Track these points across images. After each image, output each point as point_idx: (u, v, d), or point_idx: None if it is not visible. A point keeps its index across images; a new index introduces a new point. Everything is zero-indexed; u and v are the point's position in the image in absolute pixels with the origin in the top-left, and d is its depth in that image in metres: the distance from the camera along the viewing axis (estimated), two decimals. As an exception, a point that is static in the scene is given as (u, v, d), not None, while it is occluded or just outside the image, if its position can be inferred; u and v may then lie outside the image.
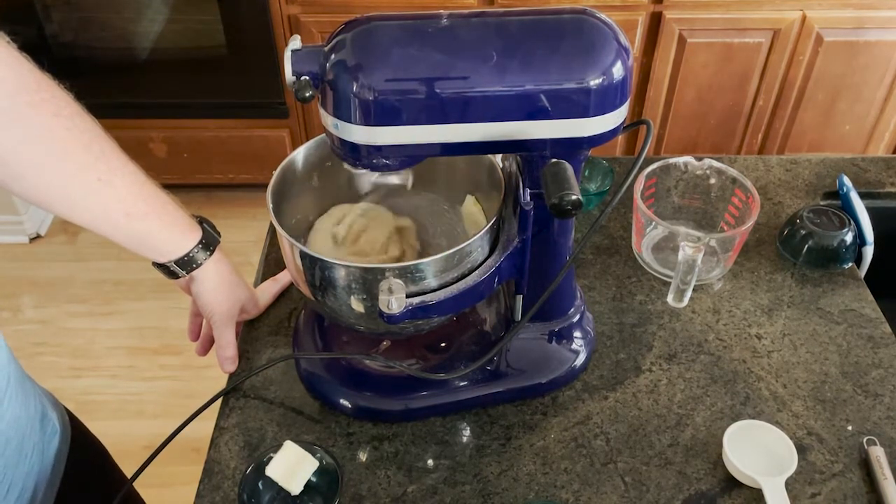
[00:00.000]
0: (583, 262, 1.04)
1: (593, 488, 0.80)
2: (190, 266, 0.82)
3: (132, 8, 2.04)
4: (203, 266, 0.83)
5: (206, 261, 0.83)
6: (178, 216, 0.80)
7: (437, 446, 0.84)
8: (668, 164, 1.04)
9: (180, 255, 0.81)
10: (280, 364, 0.91)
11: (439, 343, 0.90)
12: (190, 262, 0.82)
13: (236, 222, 2.34)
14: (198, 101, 2.18)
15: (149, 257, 0.81)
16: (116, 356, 2.07)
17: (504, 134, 0.68)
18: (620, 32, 0.67)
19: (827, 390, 0.89)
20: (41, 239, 2.39)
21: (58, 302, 2.20)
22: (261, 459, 0.78)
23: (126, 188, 0.75)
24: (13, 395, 0.75)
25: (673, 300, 0.95)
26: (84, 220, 0.75)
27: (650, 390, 0.89)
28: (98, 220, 0.75)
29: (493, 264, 0.77)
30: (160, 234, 0.79)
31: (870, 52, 2.00)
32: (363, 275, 0.73)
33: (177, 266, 0.81)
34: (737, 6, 1.93)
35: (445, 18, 0.66)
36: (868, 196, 1.11)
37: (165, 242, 0.80)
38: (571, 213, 0.64)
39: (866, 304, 0.99)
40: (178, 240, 0.80)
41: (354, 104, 0.65)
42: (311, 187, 0.87)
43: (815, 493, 0.80)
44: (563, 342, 0.89)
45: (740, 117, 2.15)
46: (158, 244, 0.80)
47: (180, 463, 1.11)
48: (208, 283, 0.84)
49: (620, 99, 0.68)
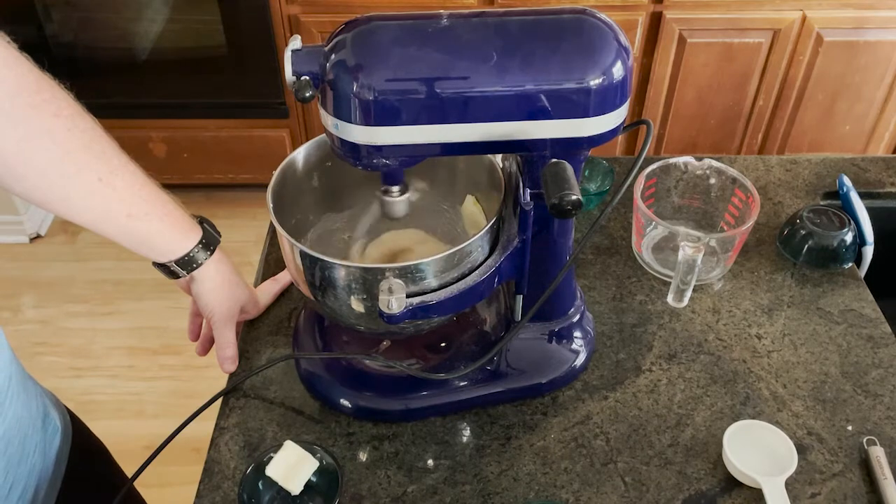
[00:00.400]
0: (583, 262, 1.04)
1: (593, 488, 0.80)
2: (190, 266, 0.82)
3: (132, 8, 2.04)
4: (203, 266, 0.83)
5: (207, 261, 0.83)
6: (178, 216, 0.80)
7: (437, 446, 0.84)
8: (668, 164, 1.04)
9: (181, 255, 0.81)
10: (280, 364, 0.91)
11: (439, 343, 0.90)
12: (190, 261, 0.82)
13: (236, 222, 2.34)
14: (198, 101, 2.18)
15: (149, 257, 0.81)
16: (116, 356, 2.07)
17: (504, 134, 0.68)
18: (620, 32, 0.67)
19: (827, 390, 0.89)
20: (41, 239, 2.39)
21: (58, 302, 2.20)
22: (261, 459, 0.78)
23: (127, 188, 0.75)
24: (15, 394, 0.75)
25: (673, 300, 0.95)
26: (85, 221, 0.75)
27: (650, 390, 0.89)
28: (99, 221, 0.75)
29: (493, 264, 0.77)
30: (161, 234, 0.79)
31: (870, 52, 2.00)
32: (363, 275, 0.73)
33: (177, 266, 0.82)
34: (737, 6, 1.93)
35: (445, 18, 0.66)
36: (868, 196, 1.11)
37: (166, 242, 0.80)
38: (571, 213, 0.64)
39: (866, 304, 0.99)
40: (179, 239, 0.80)
41: (354, 104, 0.65)
42: (311, 187, 0.87)
43: (815, 493, 0.80)
44: (563, 342, 0.89)
45: (740, 117, 2.15)
46: (159, 244, 0.80)
47: (180, 463, 1.11)
48: (208, 283, 0.84)
49: (620, 99, 0.68)
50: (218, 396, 0.88)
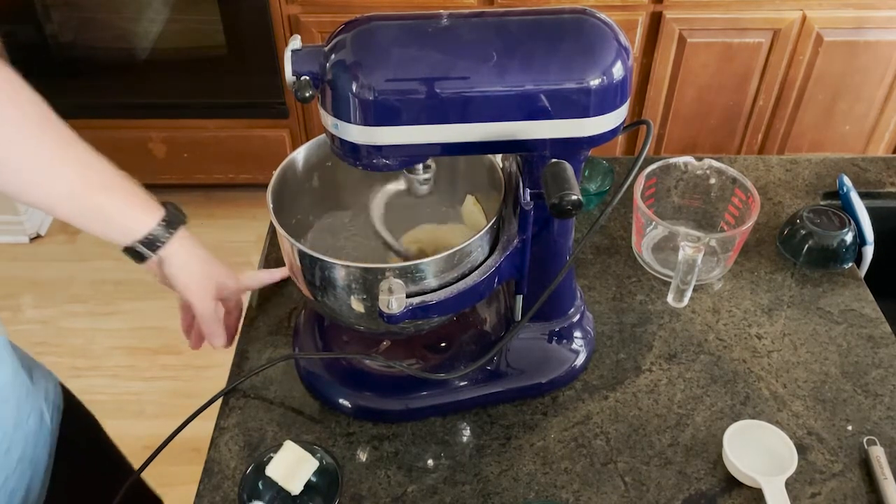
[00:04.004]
0: (583, 262, 1.04)
1: (593, 488, 0.80)
2: (154, 245, 0.79)
3: (132, 8, 2.04)
4: (168, 244, 0.80)
5: (171, 239, 0.80)
6: (137, 194, 0.79)
7: (437, 446, 0.84)
8: (668, 164, 1.04)
9: (143, 235, 0.78)
10: (280, 364, 0.91)
11: (439, 343, 0.90)
12: (154, 241, 0.79)
13: (236, 222, 2.34)
14: (197, 101, 2.18)
15: (111, 238, 0.79)
16: (116, 356, 2.07)
17: (504, 134, 0.68)
18: (620, 32, 0.67)
19: (827, 390, 0.89)
20: (41, 239, 2.39)
21: (58, 302, 2.20)
22: (261, 459, 0.78)
23: (83, 166, 0.75)
24: (4, 359, 0.77)
25: (673, 300, 0.95)
26: (38, 198, 0.74)
27: (650, 390, 0.89)
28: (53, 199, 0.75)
29: (493, 264, 0.77)
30: (120, 211, 0.77)
31: (870, 52, 2.00)
32: (363, 275, 0.73)
33: (141, 246, 0.79)
34: (737, 6, 1.93)
35: (445, 18, 0.66)
36: (868, 196, 1.11)
37: (125, 218, 0.78)
38: (571, 213, 0.64)
39: (866, 304, 0.99)
40: (139, 216, 0.78)
41: (354, 104, 0.65)
42: (311, 187, 0.87)
43: (815, 493, 0.80)
44: (563, 342, 0.89)
45: (740, 117, 2.14)
46: (118, 220, 0.78)
47: (180, 463, 1.11)
48: (177, 261, 0.81)
49: (620, 99, 0.68)
50: (218, 396, 0.88)
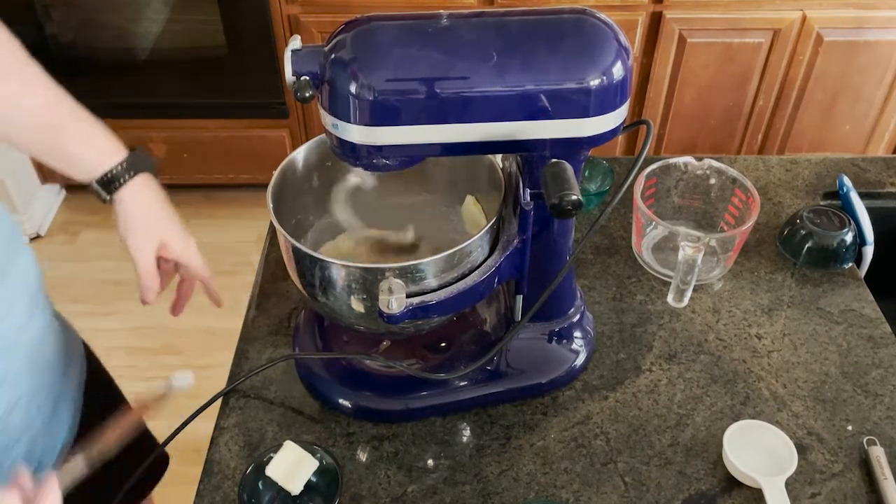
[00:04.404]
0: (583, 262, 1.04)
1: (593, 488, 0.80)
2: (112, 185, 0.77)
3: (132, 8, 2.04)
4: (126, 186, 0.78)
5: (130, 181, 0.78)
6: (103, 132, 0.78)
7: (437, 446, 0.84)
8: (668, 164, 1.04)
9: (103, 172, 0.77)
10: (280, 364, 0.91)
11: (439, 343, 0.90)
12: (112, 180, 0.77)
13: (236, 222, 2.34)
14: (198, 101, 2.18)
15: (73, 175, 0.78)
16: (116, 356, 2.06)
17: (504, 134, 0.68)
18: (620, 32, 0.67)
19: (827, 390, 0.89)
20: (41, 239, 2.39)
21: (57, 302, 2.19)
22: (261, 459, 0.78)
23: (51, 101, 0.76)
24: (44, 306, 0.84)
25: (673, 300, 0.95)
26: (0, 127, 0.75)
27: (650, 390, 0.89)
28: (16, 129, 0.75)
29: (493, 264, 0.77)
30: (85, 145, 0.77)
31: (870, 52, 1.99)
32: (363, 275, 0.73)
33: (98, 186, 0.77)
34: (737, 6, 1.93)
35: (445, 18, 0.66)
36: (868, 196, 1.11)
37: (88, 153, 0.77)
38: (571, 213, 0.64)
39: (866, 304, 0.99)
40: (103, 154, 0.77)
41: (354, 104, 0.65)
42: (311, 187, 0.87)
43: (815, 493, 0.80)
44: (563, 342, 0.89)
45: (740, 117, 2.14)
46: (81, 154, 0.77)
47: (180, 463, 1.11)
48: (130, 207, 0.79)
49: (620, 99, 0.68)
50: (218, 396, 0.88)
